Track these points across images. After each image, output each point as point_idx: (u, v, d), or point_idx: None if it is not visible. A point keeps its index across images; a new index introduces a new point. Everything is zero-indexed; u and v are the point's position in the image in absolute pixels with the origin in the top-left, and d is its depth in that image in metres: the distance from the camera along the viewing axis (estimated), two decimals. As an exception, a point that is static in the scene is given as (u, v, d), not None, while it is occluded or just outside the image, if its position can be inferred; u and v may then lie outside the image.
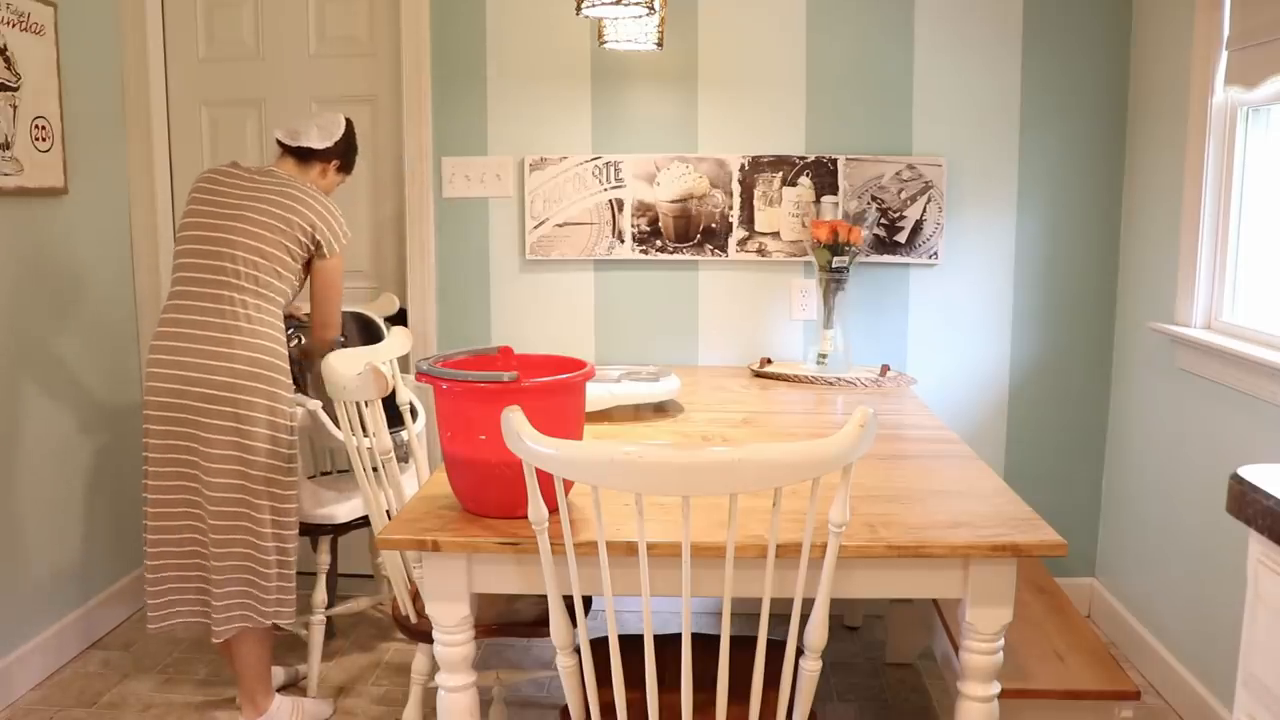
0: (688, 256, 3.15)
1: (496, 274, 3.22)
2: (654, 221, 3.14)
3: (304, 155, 2.51)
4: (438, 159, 3.18)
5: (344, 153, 2.58)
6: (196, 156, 3.32)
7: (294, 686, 2.75)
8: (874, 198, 3.09)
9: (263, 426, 2.32)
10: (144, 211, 3.24)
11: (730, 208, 3.12)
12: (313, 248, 2.43)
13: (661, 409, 2.55)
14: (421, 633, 2.13)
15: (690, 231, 3.14)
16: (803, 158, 3.10)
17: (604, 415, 2.47)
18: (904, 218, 3.10)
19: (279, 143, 2.52)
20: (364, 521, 2.76)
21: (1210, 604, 2.49)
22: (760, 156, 3.10)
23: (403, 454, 2.73)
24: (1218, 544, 2.45)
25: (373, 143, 3.26)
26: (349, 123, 2.59)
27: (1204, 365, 2.54)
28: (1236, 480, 1.19)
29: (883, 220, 3.10)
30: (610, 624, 1.47)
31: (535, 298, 3.23)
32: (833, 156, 3.09)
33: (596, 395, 2.41)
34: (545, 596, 1.56)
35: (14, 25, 2.62)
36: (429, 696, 2.27)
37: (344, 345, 2.75)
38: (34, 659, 2.76)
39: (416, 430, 2.60)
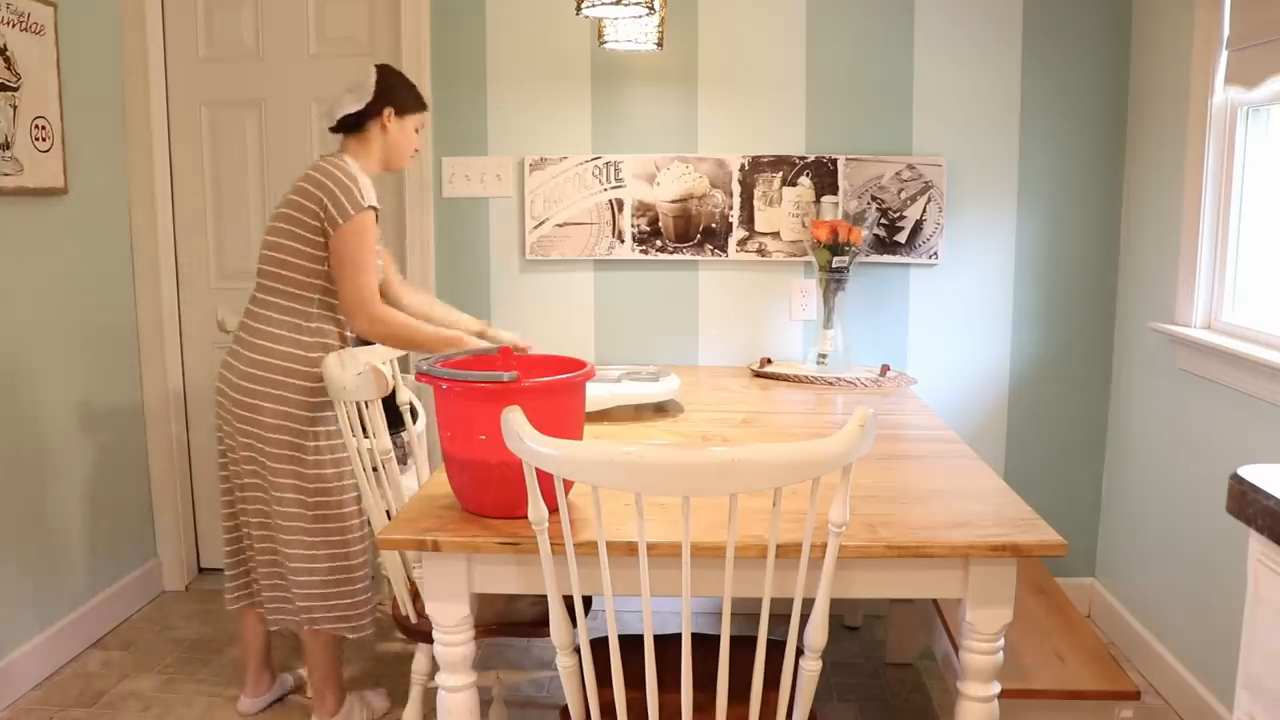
0: (688, 256, 3.15)
1: (496, 274, 3.22)
2: (654, 221, 3.14)
3: (353, 126, 2.36)
4: (438, 159, 3.17)
5: (388, 94, 2.36)
6: (196, 156, 3.32)
7: (296, 691, 2.74)
8: (874, 198, 3.09)
9: (272, 431, 2.32)
10: (144, 211, 3.24)
11: (730, 208, 3.12)
12: (326, 223, 2.25)
13: (661, 409, 2.55)
14: (421, 633, 2.13)
15: (690, 231, 3.14)
16: (803, 158, 3.10)
17: (604, 415, 2.46)
18: (904, 218, 3.09)
19: (330, 130, 2.40)
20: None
21: (1210, 604, 2.49)
22: (760, 156, 3.10)
23: (402, 454, 2.73)
24: (1218, 544, 2.45)
25: (373, 143, 3.25)
26: (380, 67, 2.40)
27: (1204, 365, 2.54)
28: (1236, 480, 1.19)
29: (883, 220, 3.10)
30: (610, 624, 1.47)
31: (535, 298, 3.23)
32: (833, 156, 3.09)
33: (596, 395, 2.41)
34: (545, 596, 1.56)
35: (14, 25, 2.62)
36: (429, 696, 2.27)
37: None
38: (34, 659, 2.76)
39: (417, 430, 2.60)
